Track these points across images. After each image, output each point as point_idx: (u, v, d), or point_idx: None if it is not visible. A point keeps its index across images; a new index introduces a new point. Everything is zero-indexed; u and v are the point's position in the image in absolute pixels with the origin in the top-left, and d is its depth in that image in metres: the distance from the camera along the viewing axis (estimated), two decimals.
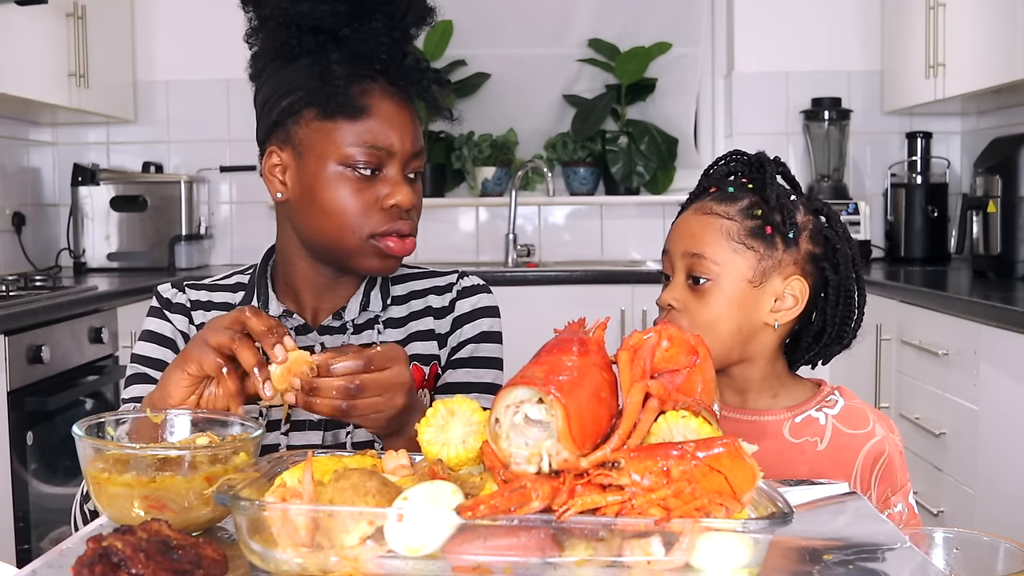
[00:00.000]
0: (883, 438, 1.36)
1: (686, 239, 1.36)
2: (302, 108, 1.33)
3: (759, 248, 1.33)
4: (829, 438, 1.36)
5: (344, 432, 1.39)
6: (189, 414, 1.14)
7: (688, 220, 1.37)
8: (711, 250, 1.33)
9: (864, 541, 1.02)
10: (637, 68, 4.09)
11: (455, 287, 1.50)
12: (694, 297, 1.34)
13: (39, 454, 2.60)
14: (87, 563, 0.81)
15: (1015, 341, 2.34)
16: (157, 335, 1.44)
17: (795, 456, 1.35)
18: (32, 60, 3.21)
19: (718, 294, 1.33)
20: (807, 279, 1.36)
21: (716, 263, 1.33)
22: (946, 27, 3.33)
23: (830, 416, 1.38)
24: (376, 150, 1.32)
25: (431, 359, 1.45)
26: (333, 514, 0.84)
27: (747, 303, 1.34)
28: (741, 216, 1.34)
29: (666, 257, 1.39)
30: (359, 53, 1.33)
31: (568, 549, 0.83)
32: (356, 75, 1.33)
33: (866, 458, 1.35)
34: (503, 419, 0.86)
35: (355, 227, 1.33)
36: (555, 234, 4.20)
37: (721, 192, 1.37)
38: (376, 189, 1.33)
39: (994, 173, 3.19)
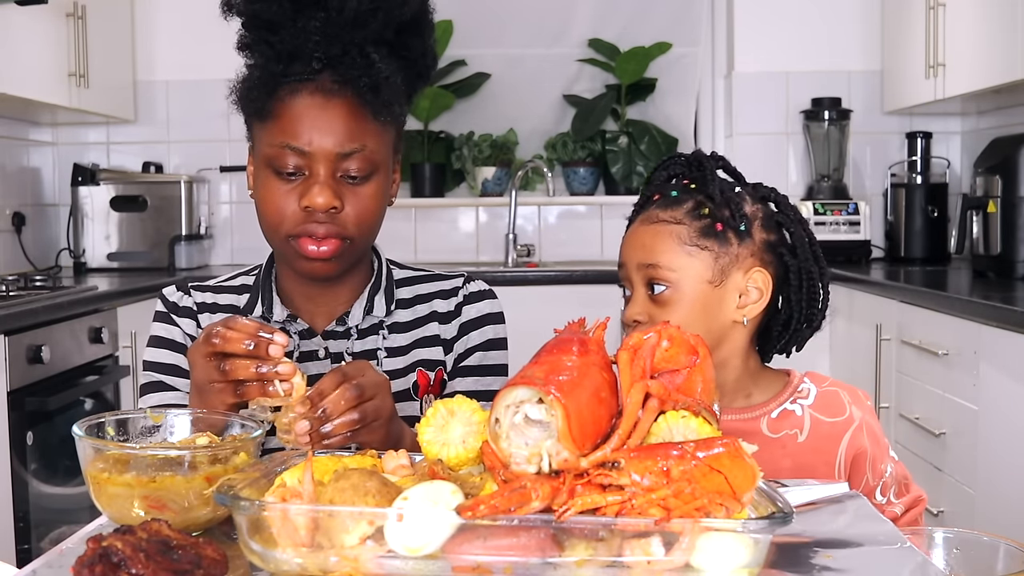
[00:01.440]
0: (860, 423, 1.36)
1: (638, 251, 1.34)
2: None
3: (713, 247, 1.32)
4: (809, 429, 1.35)
5: None
6: (189, 414, 1.14)
7: (637, 232, 1.36)
8: (665, 258, 1.32)
9: (864, 541, 1.02)
10: (637, 68, 4.09)
11: (461, 292, 1.49)
12: (657, 307, 1.32)
13: (39, 454, 2.60)
14: (87, 563, 0.81)
15: (1015, 341, 2.34)
16: (168, 340, 1.44)
17: (776, 451, 1.35)
18: (32, 60, 3.21)
19: (680, 300, 1.32)
20: (767, 268, 1.34)
21: (672, 270, 1.32)
22: (946, 27, 3.33)
23: (806, 407, 1.37)
24: (289, 150, 1.30)
25: (436, 365, 1.44)
26: (333, 514, 0.84)
27: (711, 304, 1.33)
28: (689, 218, 1.33)
29: (622, 271, 1.37)
30: (293, 49, 1.31)
31: (568, 549, 0.83)
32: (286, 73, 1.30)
33: (847, 451, 1.35)
34: (503, 419, 0.86)
35: (275, 227, 1.33)
36: (555, 234, 4.20)
37: (664, 198, 1.35)
38: (298, 190, 1.31)
39: (994, 173, 3.19)
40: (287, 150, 1.30)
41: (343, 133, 1.30)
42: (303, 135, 1.30)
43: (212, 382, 1.12)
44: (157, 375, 1.42)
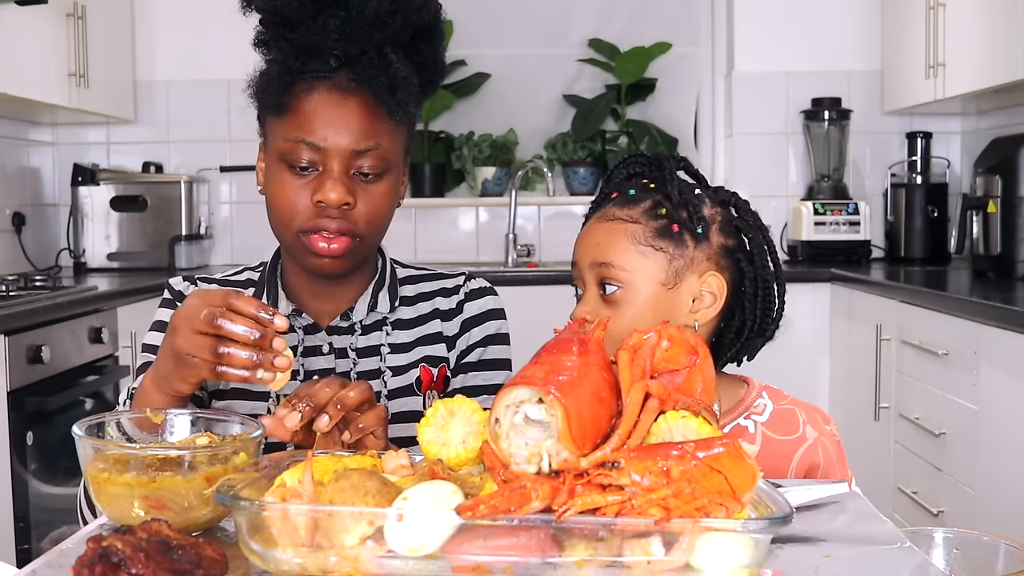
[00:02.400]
0: (814, 443, 1.32)
1: (591, 249, 1.31)
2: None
3: (668, 248, 1.29)
4: (760, 446, 1.31)
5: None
6: (189, 414, 1.14)
7: (591, 229, 1.33)
8: (618, 257, 1.29)
9: (864, 541, 1.02)
10: (637, 68, 4.09)
11: (462, 289, 1.50)
12: (607, 307, 1.29)
13: (39, 454, 2.60)
14: (87, 563, 0.81)
15: (1015, 341, 2.34)
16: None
17: None
18: (32, 60, 3.21)
19: (631, 301, 1.28)
20: (723, 273, 1.31)
21: (625, 269, 1.28)
22: (946, 27, 3.33)
23: (759, 424, 1.33)
24: (304, 144, 1.30)
25: (439, 361, 1.45)
26: (333, 514, 0.84)
27: (663, 307, 1.29)
28: (645, 218, 1.30)
29: (575, 270, 1.34)
30: (311, 46, 1.32)
31: (568, 549, 0.83)
32: (304, 70, 1.31)
33: (799, 466, 1.31)
34: (503, 419, 0.86)
35: (287, 222, 1.33)
36: (555, 234, 4.20)
37: (622, 196, 1.33)
38: (311, 185, 1.32)
39: (994, 173, 3.19)
40: (302, 144, 1.31)
41: (358, 131, 1.31)
42: (319, 130, 1.30)
43: (199, 358, 1.10)
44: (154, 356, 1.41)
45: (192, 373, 1.12)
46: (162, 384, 1.16)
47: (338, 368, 1.41)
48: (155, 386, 1.17)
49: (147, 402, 1.18)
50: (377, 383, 1.41)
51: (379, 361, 1.42)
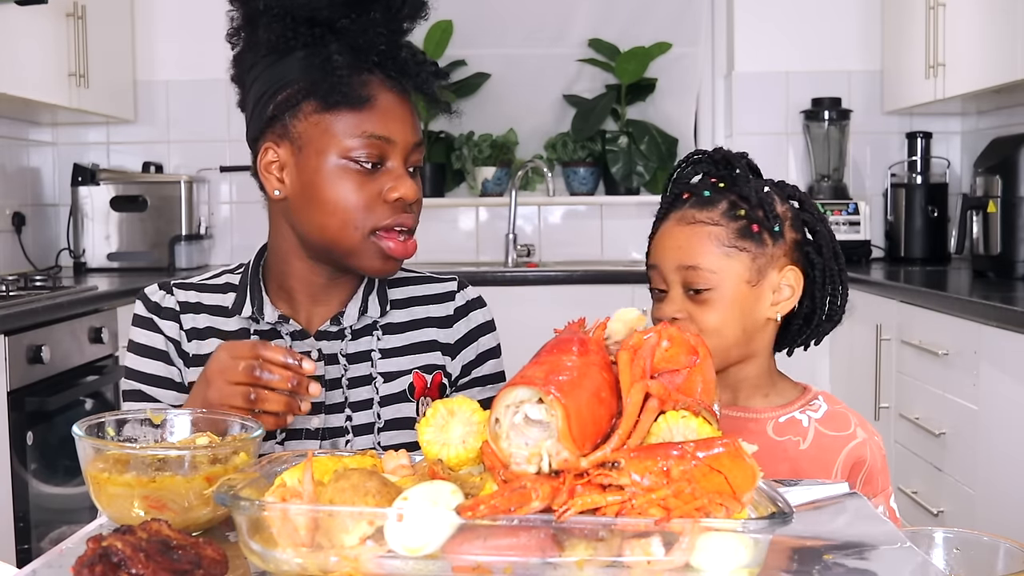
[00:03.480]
0: (864, 441, 1.38)
1: (675, 252, 1.34)
2: (301, 101, 1.29)
3: (750, 248, 1.34)
4: (811, 439, 1.37)
5: (344, 441, 1.37)
6: (189, 414, 1.14)
7: (673, 232, 1.36)
8: (705, 260, 1.33)
9: (864, 541, 1.02)
10: (637, 68, 4.09)
11: (457, 297, 1.48)
12: (696, 305, 1.34)
13: (39, 454, 2.60)
14: (87, 563, 0.81)
15: (1015, 341, 2.34)
16: (149, 348, 1.40)
17: (777, 454, 1.36)
18: (32, 60, 3.21)
19: (719, 300, 1.33)
20: (797, 266, 1.37)
21: (713, 271, 1.33)
22: (946, 27, 3.33)
23: (813, 419, 1.39)
24: (377, 139, 1.28)
25: (434, 368, 1.43)
26: (333, 514, 0.84)
27: (748, 303, 1.35)
28: (725, 219, 1.34)
29: (655, 271, 1.37)
30: (357, 45, 1.30)
31: (568, 549, 0.83)
32: (355, 66, 1.29)
33: (846, 459, 1.36)
34: (503, 419, 0.86)
35: (358, 223, 1.29)
36: (555, 234, 4.20)
37: (697, 198, 1.36)
38: (379, 182, 1.29)
39: (994, 173, 3.18)
40: (373, 139, 1.29)
41: (412, 124, 1.33)
42: (389, 124, 1.30)
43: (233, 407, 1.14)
44: (138, 384, 1.39)
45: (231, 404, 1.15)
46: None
47: (328, 374, 1.37)
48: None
49: None
50: (368, 389, 1.39)
51: (370, 367, 1.40)
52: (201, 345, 1.39)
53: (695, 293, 1.34)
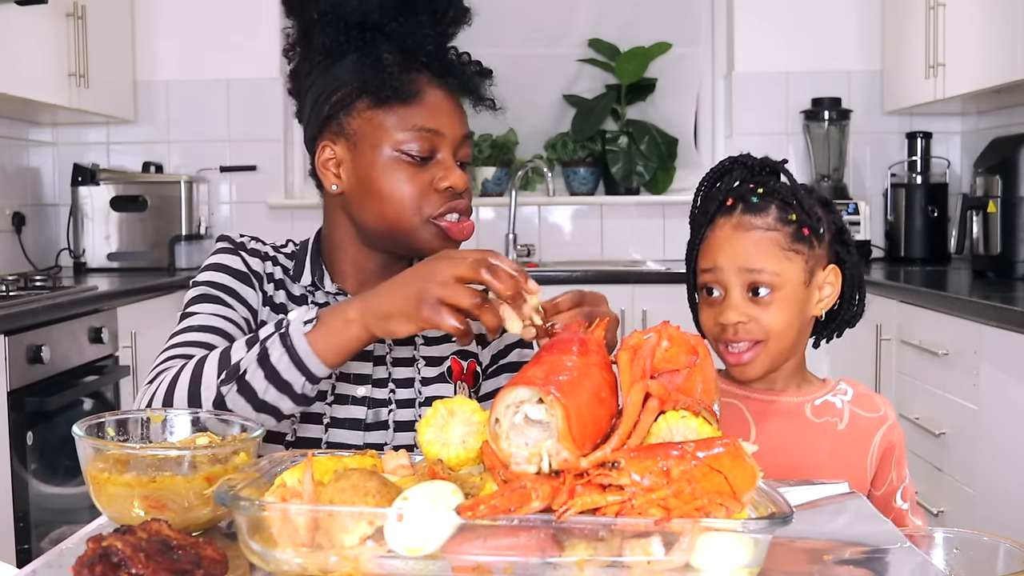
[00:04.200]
0: (893, 424, 1.47)
1: (739, 257, 1.39)
2: (355, 100, 1.38)
3: (803, 250, 1.40)
4: (848, 420, 1.44)
5: (386, 411, 1.42)
6: (189, 414, 1.14)
7: (733, 238, 1.40)
8: (769, 263, 1.38)
9: (864, 541, 1.02)
10: (637, 68, 4.09)
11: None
12: (758, 308, 1.39)
13: (39, 454, 2.60)
14: (87, 563, 0.81)
15: (1015, 341, 2.34)
16: (231, 268, 1.44)
17: (817, 435, 1.43)
18: (32, 60, 3.21)
19: (781, 301, 1.39)
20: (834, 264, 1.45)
21: (776, 274, 1.38)
22: (946, 27, 3.33)
23: (845, 401, 1.46)
24: (427, 132, 1.36)
25: (470, 356, 1.50)
26: (333, 514, 0.84)
27: (803, 303, 1.41)
28: (779, 224, 1.40)
29: (713, 274, 1.41)
30: (406, 45, 1.38)
31: (568, 549, 0.83)
32: (405, 64, 1.38)
33: (882, 441, 1.44)
34: (503, 419, 0.86)
35: (413, 210, 1.37)
36: (555, 234, 4.20)
37: (746, 204, 1.41)
38: (430, 173, 1.37)
39: (994, 173, 3.18)
40: (424, 132, 1.36)
41: (460, 119, 1.41)
42: (439, 118, 1.38)
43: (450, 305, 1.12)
44: (211, 290, 1.41)
45: (430, 317, 1.12)
46: (377, 323, 1.16)
47: (375, 350, 1.44)
48: (363, 322, 1.17)
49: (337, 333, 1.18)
50: (411, 369, 1.45)
51: (412, 350, 1.46)
52: (276, 294, 1.45)
53: (759, 296, 1.39)
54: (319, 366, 1.18)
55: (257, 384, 1.19)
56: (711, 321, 1.41)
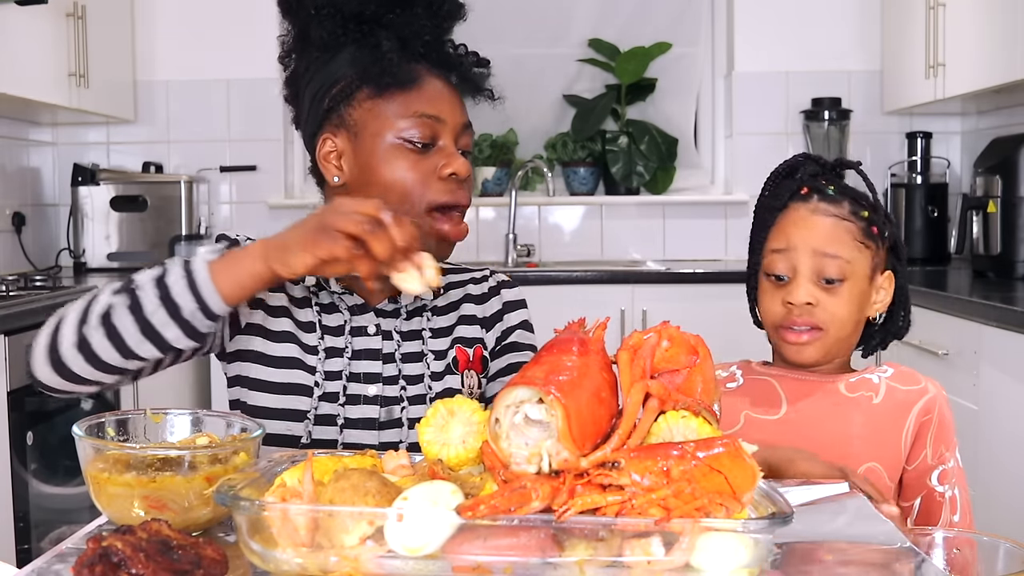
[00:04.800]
0: (935, 395, 1.45)
1: (814, 238, 1.40)
2: (355, 90, 1.38)
3: (871, 247, 1.42)
4: (884, 393, 1.44)
5: (399, 408, 1.42)
6: (189, 414, 1.14)
7: (809, 220, 1.41)
8: (844, 250, 1.40)
9: (864, 541, 1.02)
10: (637, 68, 4.09)
11: (488, 282, 1.56)
12: (826, 294, 1.40)
13: (39, 454, 2.60)
14: (87, 563, 0.81)
15: (1015, 341, 2.34)
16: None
17: (850, 409, 1.43)
18: (32, 60, 3.21)
19: (848, 291, 1.41)
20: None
21: (849, 262, 1.40)
22: (946, 27, 3.33)
23: (883, 378, 1.46)
24: (428, 118, 1.36)
25: (475, 342, 1.50)
26: (333, 514, 0.84)
27: (864, 298, 1.43)
28: (854, 217, 1.41)
29: (785, 255, 1.41)
30: (403, 36, 1.38)
31: (568, 549, 0.83)
32: (404, 53, 1.38)
33: (919, 414, 1.43)
34: (503, 419, 0.86)
35: (415, 198, 1.36)
36: (555, 234, 4.20)
37: (821, 194, 1.43)
38: (432, 160, 1.37)
39: (994, 173, 3.18)
40: (424, 119, 1.37)
41: (460, 106, 1.42)
42: (439, 104, 1.38)
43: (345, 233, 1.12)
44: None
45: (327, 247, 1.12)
46: (275, 255, 1.15)
47: (384, 348, 1.44)
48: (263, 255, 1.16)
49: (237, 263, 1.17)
50: (420, 365, 1.45)
51: (421, 344, 1.46)
52: (271, 296, 1.44)
53: (827, 283, 1.40)
54: (213, 295, 1.17)
55: (147, 302, 1.17)
56: (776, 304, 1.42)
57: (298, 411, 1.40)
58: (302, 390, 1.40)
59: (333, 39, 1.39)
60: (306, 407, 1.40)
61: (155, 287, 1.18)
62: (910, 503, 1.44)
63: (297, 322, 1.43)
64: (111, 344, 1.19)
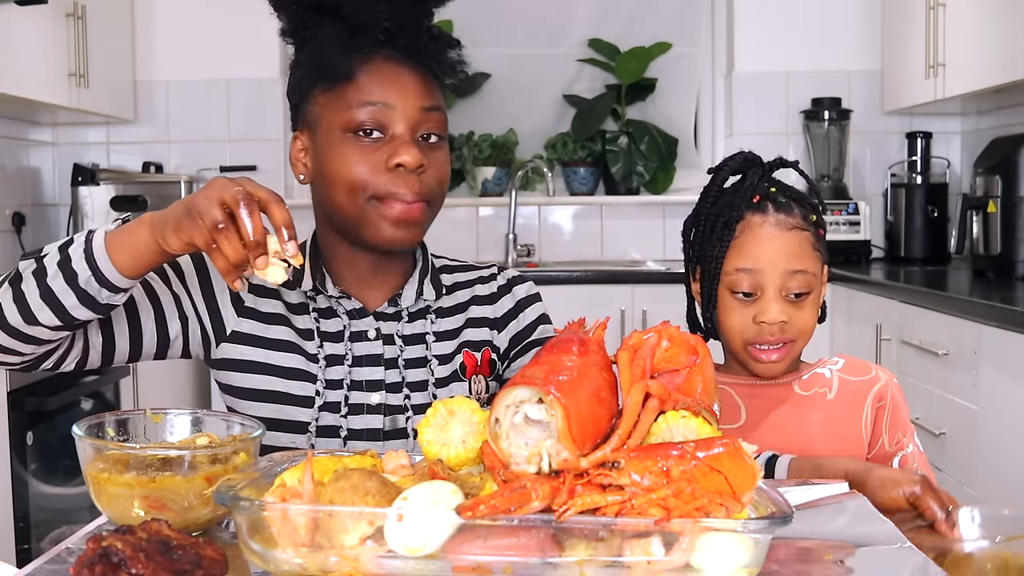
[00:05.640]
0: (886, 382, 1.45)
1: (781, 258, 1.38)
2: (310, 87, 1.35)
3: (822, 251, 1.42)
4: (837, 387, 1.44)
5: (404, 418, 1.39)
6: (189, 414, 1.14)
7: (775, 236, 1.39)
8: (809, 264, 1.39)
9: (864, 541, 1.02)
10: (637, 68, 4.09)
11: (498, 280, 1.51)
12: (795, 308, 1.39)
13: (39, 454, 2.60)
14: (87, 563, 0.81)
15: (1015, 341, 2.34)
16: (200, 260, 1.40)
17: (807, 408, 1.43)
18: (32, 60, 3.21)
19: (813, 301, 1.41)
20: None
21: (815, 275, 1.40)
22: (946, 27, 3.33)
23: (835, 371, 1.46)
24: (373, 105, 1.31)
25: (483, 345, 1.45)
26: (333, 514, 0.84)
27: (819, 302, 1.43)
28: (807, 224, 1.40)
29: (749, 274, 1.38)
30: (359, 24, 1.33)
31: (568, 549, 0.83)
32: (355, 45, 1.32)
33: (873, 401, 1.43)
34: (503, 419, 0.86)
35: (359, 190, 1.31)
36: (555, 234, 4.20)
37: (774, 203, 1.40)
38: (383, 151, 1.31)
39: (994, 173, 3.18)
40: (370, 107, 1.31)
41: (421, 91, 1.34)
42: (387, 92, 1.32)
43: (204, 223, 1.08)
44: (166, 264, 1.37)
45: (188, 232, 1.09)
46: (158, 228, 1.13)
47: (385, 354, 1.40)
48: (151, 226, 1.14)
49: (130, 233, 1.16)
50: (424, 371, 1.41)
51: (425, 349, 1.42)
52: (259, 301, 1.41)
53: (795, 297, 1.39)
54: (107, 264, 1.15)
55: (49, 268, 1.18)
56: (744, 320, 1.39)
57: (299, 423, 1.36)
58: (303, 401, 1.36)
59: (296, 33, 1.38)
60: (307, 418, 1.36)
61: (58, 253, 1.18)
62: None
63: (297, 330, 1.39)
64: (16, 308, 1.19)
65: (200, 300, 1.38)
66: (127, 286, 1.18)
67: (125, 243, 1.16)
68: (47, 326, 1.19)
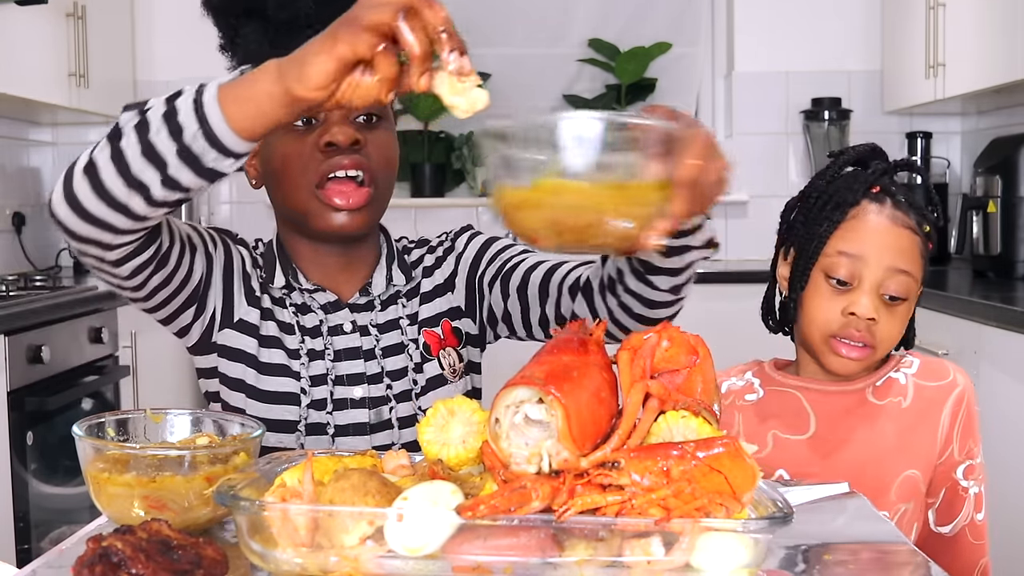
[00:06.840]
0: (964, 388, 1.38)
1: (889, 251, 1.31)
2: None
3: (926, 263, 1.35)
4: (912, 395, 1.36)
5: (388, 408, 1.38)
6: (189, 414, 1.14)
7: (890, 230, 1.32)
8: (912, 267, 1.32)
9: (864, 541, 1.02)
10: (637, 68, 4.09)
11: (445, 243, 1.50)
12: (887, 311, 1.32)
13: (39, 454, 2.60)
14: (87, 563, 0.81)
15: (1015, 341, 2.33)
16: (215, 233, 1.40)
17: (881, 419, 1.35)
18: (32, 60, 3.21)
19: (905, 310, 1.33)
20: None
21: (915, 280, 1.33)
22: (946, 27, 3.33)
23: (909, 375, 1.38)
24: None
25: (440, 318, 1.43)
26: (333, 514, 0.84)
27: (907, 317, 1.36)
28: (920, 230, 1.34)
29: (851, 260, 1.31)
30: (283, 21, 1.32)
31: (568, 549, 0.83)
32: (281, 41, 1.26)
33: (951, 409, 1.36)
34: (503, 419, 0.86)
35: (300, 178, 1.31)
36: None
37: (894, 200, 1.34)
38: (316, 134, 1.31)
39: (994, 173, 3.18)
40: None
41: None
42: None
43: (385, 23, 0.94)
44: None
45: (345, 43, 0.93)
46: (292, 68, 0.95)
47: (363, 345, 1.39)
48: (277, 70, 0.97)
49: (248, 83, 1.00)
50: (403, 358, 1.40)
51: (400, 335, 1.41)
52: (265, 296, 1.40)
53: (889, 299, 1.31)
54: (218, 118, 0.99)
55: (153, 120, 1.03)
56: (834, 310, 1.31)
57: (287, 421, 1.35)
58: (289, 399, 1.36)
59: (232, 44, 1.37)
60: (295, 416, 1.35)
61: (164, 105, 1.04)
62: (935, 497, 1.38)
63: (280, 324, 1.38)
64: (114, 167, 1.05)
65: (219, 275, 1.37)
66: (237, 148, 1.01)
67: (241, 94, 1.00)
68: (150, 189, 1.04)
